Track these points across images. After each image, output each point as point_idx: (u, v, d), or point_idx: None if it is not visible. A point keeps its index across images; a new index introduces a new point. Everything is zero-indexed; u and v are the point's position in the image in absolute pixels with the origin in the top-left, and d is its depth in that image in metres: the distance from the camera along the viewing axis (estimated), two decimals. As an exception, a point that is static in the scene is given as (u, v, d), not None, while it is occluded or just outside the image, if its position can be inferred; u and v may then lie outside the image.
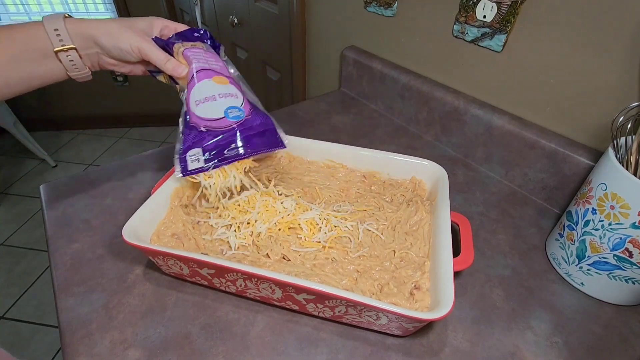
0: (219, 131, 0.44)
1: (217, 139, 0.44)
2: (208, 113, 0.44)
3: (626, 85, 0.48)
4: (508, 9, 0.56)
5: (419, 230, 0.47)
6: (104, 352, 0.39)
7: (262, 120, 0.47)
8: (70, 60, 0.42)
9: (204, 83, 0.44)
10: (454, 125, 0.70)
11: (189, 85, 0.44)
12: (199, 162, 0.44)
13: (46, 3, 2.08)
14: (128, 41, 0.43)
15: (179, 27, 0.48)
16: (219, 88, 0.45)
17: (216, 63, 0.47)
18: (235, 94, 0.46)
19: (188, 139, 0.44)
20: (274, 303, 0.43)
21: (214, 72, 0.45)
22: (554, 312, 0.45)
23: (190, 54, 0.45)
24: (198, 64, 0.45)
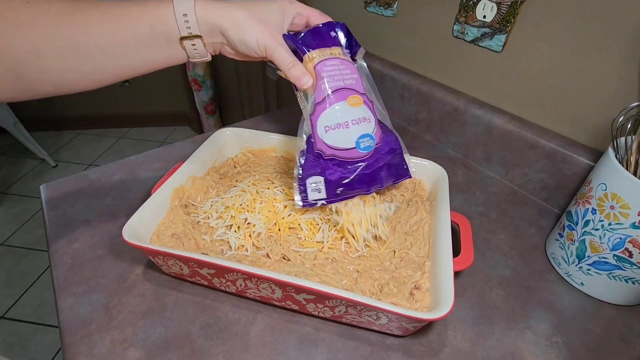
0: (346, 161, 0.40)
1: (342, 171, 0.40)
2: (338, 142, 0.39)
3: (626, 85, 0.48)
4: (508, 9, 0.56)
5: (419, 230, 0.47)
6: (104, 352, 0.39)
7: (391, 146, 0.44)
8: (194, 47, 0.39)
9: (336, 107, 0.39)
10: (454, 125, 0.70)
11: (318, 108, 0.39)
12: (320, 192, 0.40)
13: (46, 3, 2.07)
14: (255, 36, 0.38)
15: (312, 16, 0.42)
16: (352, 112, 0.40)
17: (351, 75, 0.41)
18: (369, 117, 0.41)
19: (310, 165, 0.40)
20: (274, 303, 0.43)
21: (349, 90, 0.40)
22: (554, 312, 0.45)
23: (323, 69, 0.39)
24: (332, 83, 0.39)
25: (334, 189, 0.41)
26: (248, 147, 0.62)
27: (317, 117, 0.39)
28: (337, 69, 0.40)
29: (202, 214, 0.49)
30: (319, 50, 0.40)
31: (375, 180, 0.42)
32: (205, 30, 0.38)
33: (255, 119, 0.81)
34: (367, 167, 0.41)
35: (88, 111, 2.43)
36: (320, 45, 0.40)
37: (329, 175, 0.40)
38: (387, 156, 0.44)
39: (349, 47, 0.43)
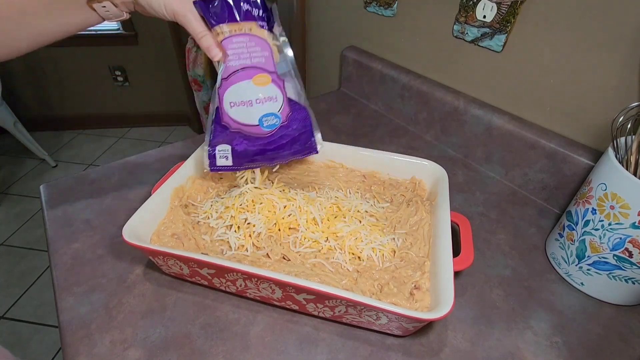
0: (250, 137, 0.42)
1: (248, 143, 0.42)
2: (242, 117, 0.41)
3: (626, 85, 0.48)
4: (508, 9, 0.56)
5: (419, 230, 0.47)
6: (104, 352, 0.39)
7: (299, 123, 0.44)
8: (105, 9, 0.39)
9: (241, 85, 0.40)
10: (454, 125, 0.70)
11: (225, 83, 0.40)
12: (227, 160, 0.43)
13: (46, 3, 2.07)
14: (163, 2, 0.38)
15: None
16: (258, 91, 0.41)
17: (261, 53, 0.41)
18: (275, 96, 0.42)
19: (217, 135, 0.42)
20: (274, 303, 0.43)
21: (256, 69, 0.41)
22: (554, 312, 0.45)
23: (229, 46, 0.40)
24: (238, 61, 0.40)
25: (241, 158, 0.43)
26: (248, 147, 0.62)
27: (223, 92, 0.41)
28: (245, 46, 0.40)
29: (202, 214, 0.49)
30: (228, 25, 0.39)
31: (278, 156, 0.44)
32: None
33: (255, 119, 0.81)
34: (270, 143, 0.43)
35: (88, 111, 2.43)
36: (232, 19, 0.40)
37: (236, 146, 0.42)
38: (294, 133, 0.45)
39: (266, 20, 0.42)
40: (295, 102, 0.45)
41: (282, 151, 0.44)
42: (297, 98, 0.45)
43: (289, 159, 0.46)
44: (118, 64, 2.23)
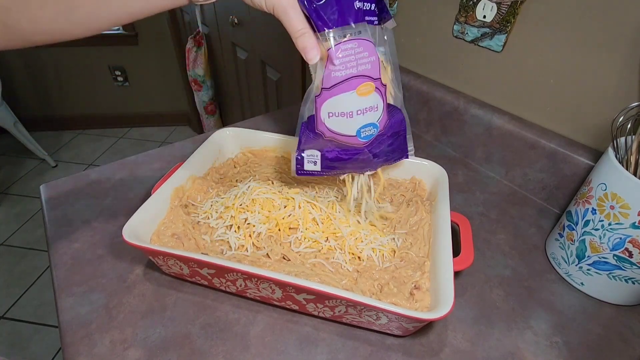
0: (343, 145, 0.39)
1: (340, 152, 0.39)
2: (339, 128, 0.38)
3: (626, 85, 0.48)
4: (508, 9, 0.56)
5: (419, 230, 0.47)
6: (104, 352, 0.39)
7: (395, 129, 0.42)
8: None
9: (343, 96, 0.36)
10: (454, 125, 0.70)
11: (325, 92, 0.36)
12: (316, 165, 0.40)
13: None
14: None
15: None
16: (360, 102, 0.37)
17: (368, 59, 0.37)
18: (377, 104, 0.39)
19: (308, 141, 0.39)
20: (274, 303, 0.43)
21: (361, 78, 0.37)
22: (554, 312, 0.45)
23: (336, 55, 0.35)
24: (344, 71, 0.36)
25: (329, 164, 0.41)
26: (248, 147, 0.62)
27: (322, 101, 0.37)
28: (354, 52, 0.36)
29: (202, 214, 0.49)
30: (336, 30, 0.35)
31: (370, 164, 0.42)
32: None
33: (255, 119, 0.81)
34: (363, 153, 0.40)
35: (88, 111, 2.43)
36: (340, 22, 0.35)
37: (326, 153, 0.40)
38: (389, 140, 0.42)
39: (378, 15, 0.37)
40: (393, 106, 0.42)
41: (375, 159, 0.41)
42: (393, 100, 0.42)
43: (379, 166, 0.43)
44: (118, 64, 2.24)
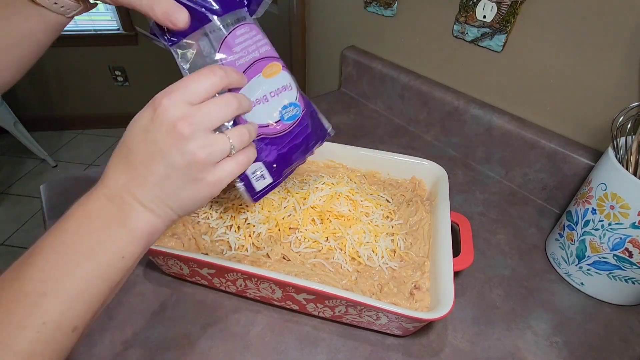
0: (275, 138, 0.36)
1: (276, 148, 0.36)
2: (261, 118, 0.35)
3: (626, 85, 0.48)
4: (508, 9, 0.56)
5: (419, 230, 0.47)
6: (104, 352, 0.39)
7: (309, 108, 0.40)
8: (54, 2, 0.33)
9: (252, 83, 0.33)
10: (454, 125, 0.70)
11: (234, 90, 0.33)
12: (265, 179, 0.37)
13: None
14: None
15: None
16: (270, 84, 0.35)
17: (264, 40, 0.34)
18: (289, 84, 0.36)
19: None
20: (274, 303, 0.43)
21: (265, 59, 0.34)
22: (554, 312, 0.45)
23: (235, 42, 0.32)
24: (247, 56, 0.33)
25: (276, 168, 0.37)
26: (248, 147, 0.62)
27: None
28: (250, 36, 0.33)
29: (202, 214, 0.48)
30: (225, 17, 0.32)
31: (308, 147, 0.40)
32: None
33: (255, 119, 0.81)
34: (297, 136, 0.37)
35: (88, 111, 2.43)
36: (226, 8, 0.32)
37: (266, 158, 0.36)
38: (311, 119, 0.40)
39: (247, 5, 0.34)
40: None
41: (309, 142, 0.39)
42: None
43: (315, 148, 0.41)
44: (118, 64, 2.24)
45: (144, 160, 0.28)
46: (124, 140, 0.29)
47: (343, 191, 0.48)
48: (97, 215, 0.28)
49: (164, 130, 0.27)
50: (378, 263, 0.43)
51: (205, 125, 0.28)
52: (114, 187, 0.29)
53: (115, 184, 0.28)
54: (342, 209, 0.46)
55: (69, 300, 0.26)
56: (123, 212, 0.28)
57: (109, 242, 0.27)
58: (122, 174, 0.29)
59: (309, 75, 1.14)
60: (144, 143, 0.28)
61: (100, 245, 0.27)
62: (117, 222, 0.28)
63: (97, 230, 0.28)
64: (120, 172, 0.29)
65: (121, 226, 0.28)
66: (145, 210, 0.29)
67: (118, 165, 0.29)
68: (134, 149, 0.28)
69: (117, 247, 0.28)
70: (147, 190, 0.28)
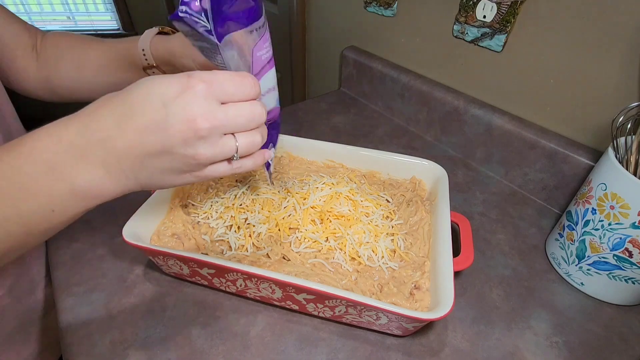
0: (272, 123, 0.38)
1: (274, 132, 0.39)
2: (272, 103, 0.37)
3: (626, 85, 0.48)
4: (508, 9, 0.56)
5: (419, 230, 0.47)
6: (104, 352, 0.39)
7: None
8: (155, 73, 0.48)
9: (270, 73, 0.35)
10: (454, 125, 0.70)
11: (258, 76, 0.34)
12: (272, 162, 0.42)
13: (46, 3, 2.08)
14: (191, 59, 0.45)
15: None
16: (274, 77, 0.36)
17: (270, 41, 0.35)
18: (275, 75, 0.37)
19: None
20: (274, 303, 0.43)
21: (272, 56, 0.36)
22: (554, 312, 0.45)
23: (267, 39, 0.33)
24: (269, 52, 0.34)
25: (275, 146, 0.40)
26: (248, 147, 0.62)
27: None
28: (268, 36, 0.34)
29: (202, 214, 0.48)
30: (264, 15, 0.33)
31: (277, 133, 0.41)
32: (160, 61, 0.49)
33: (255, 119, 0.81)
34: (277, 123, 0.40)
35: (88, 111, 2.43)
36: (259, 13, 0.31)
37: (274, 139, 0.38)
38: None
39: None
40: None
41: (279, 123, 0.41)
42: None
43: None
44: (118, 64, 2.23)
45: (142, 128, 0.25)
46: (129, 96, 0.26)
47: (343, 191, 0.48)
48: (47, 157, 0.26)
49: (183, 116, 0.25)
50: (378, 263, 0.43)
51: (223, 130, 0.27)
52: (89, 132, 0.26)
53: (93, 131, 0.26)
54: (342, 209, 0.46)
55: None
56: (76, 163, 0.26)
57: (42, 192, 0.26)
58: (108, 124, 0.26)
59: (309, 75, 1.14)
60: (154, 112, 0.25)
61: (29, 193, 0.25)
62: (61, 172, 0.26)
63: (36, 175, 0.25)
64: (107, 122, 0.26)
65: (62, 180, 0.26)
66: (103, 172, 0.26)
67: (109, 114, 0.26)
68: (138, 110, 0.25)
69: (48, 200, 0.26)
70: (125, 155, 0.26)
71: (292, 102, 1.25)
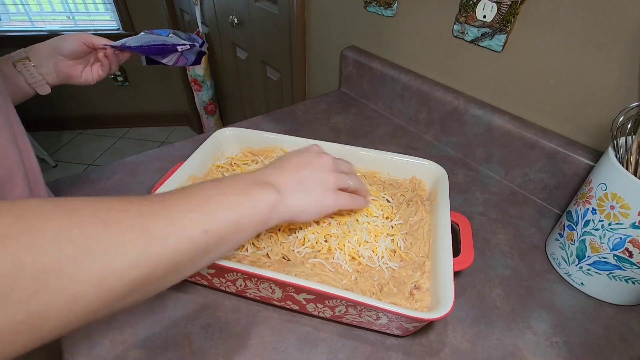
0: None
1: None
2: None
3: (626, 85, 0.48)
4: (508, 9, 0.56)
5: (419, 230, 0.47)
6: (104, 352, 0.39)
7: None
8: (26, 68, 0.49)
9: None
10: (454, 125, 0.70)
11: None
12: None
13: (46, 3, 2.08)
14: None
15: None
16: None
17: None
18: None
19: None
20: (274, 303, 0.43)
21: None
22: (554, 312, 0.45)
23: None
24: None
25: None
26: (248, 147, 0.62)
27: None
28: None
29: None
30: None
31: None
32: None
33: (255, 119, 0.81)
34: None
35: (88, 111, 2.43)
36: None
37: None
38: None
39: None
40: None
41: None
42: None
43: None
44: (118, 64, 2.23)
45: (294, 166, 0.38)
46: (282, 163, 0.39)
47: None
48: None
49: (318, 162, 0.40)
50: (378, 263, 0.43)
51: (336, 168, 0.41)
52: (258, 174, 0.36)
53: (261, 173, 0.36)
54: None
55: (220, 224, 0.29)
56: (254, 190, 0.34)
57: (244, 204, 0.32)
58: (269, 169, 0.37)
59: (309, 75, 1.14)
60: (300, 157, 0.40)
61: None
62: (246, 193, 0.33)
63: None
64: (267, 169, 0.38)
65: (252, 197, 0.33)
66: (273, 191, 0.34)
67: (265, 169, 0.38)
68: (289, 160, 0.39)
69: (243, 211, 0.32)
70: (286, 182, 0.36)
71: (292, 102, 1.25)
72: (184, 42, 0.56)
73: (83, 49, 0.51)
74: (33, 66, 0.50)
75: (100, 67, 0.55)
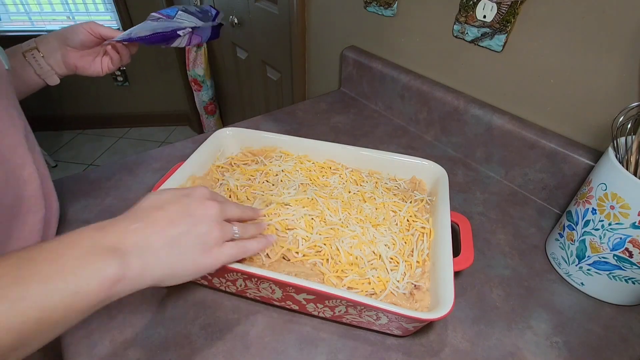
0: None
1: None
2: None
3: (626, 85, 0.48)
4: (508, 9, 0.56)
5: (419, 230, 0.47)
6: (104, 352, 0.39)
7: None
8: (34, 59, 0.48)
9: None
10: (454, 125, 0.70)
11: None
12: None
13: (46, 3, 2.08)
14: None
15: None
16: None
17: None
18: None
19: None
20: (274, 303, 0.43)
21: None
22: (554, 312, 0.45)
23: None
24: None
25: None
26: (248, 147, 0.62)
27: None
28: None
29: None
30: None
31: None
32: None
33: (255, 119, 0.81)
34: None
35: (88, 111, 2.43)
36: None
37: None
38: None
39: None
40: None
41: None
42: None
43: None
44: (118, 64, 2.23)
45: (168, 218, 0.32)
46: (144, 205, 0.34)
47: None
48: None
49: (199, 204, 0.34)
50: (378, 263, 0.43)
51: (223, 216, 0.35)
52: (115, 229, 0.31)
53: (119, 229, 0.31)
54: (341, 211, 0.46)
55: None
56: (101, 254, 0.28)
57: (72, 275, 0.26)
58: (134, 222, 0.31)
59: (309, 75, 1.14)
60: (178, 204, 0.34)
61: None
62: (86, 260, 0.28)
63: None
64: (133, 220, 0.32)
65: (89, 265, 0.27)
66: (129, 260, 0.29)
67: (132, 217, 0.32)
68: (165, 209, 0.33)
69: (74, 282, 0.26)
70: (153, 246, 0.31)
71: (292, 102, 1.25)
72: (188, 25, 0.54)
73: (90, 39, 0.50)
74: (42, 57, 0.49)
75: (111, 61, 0.54)
